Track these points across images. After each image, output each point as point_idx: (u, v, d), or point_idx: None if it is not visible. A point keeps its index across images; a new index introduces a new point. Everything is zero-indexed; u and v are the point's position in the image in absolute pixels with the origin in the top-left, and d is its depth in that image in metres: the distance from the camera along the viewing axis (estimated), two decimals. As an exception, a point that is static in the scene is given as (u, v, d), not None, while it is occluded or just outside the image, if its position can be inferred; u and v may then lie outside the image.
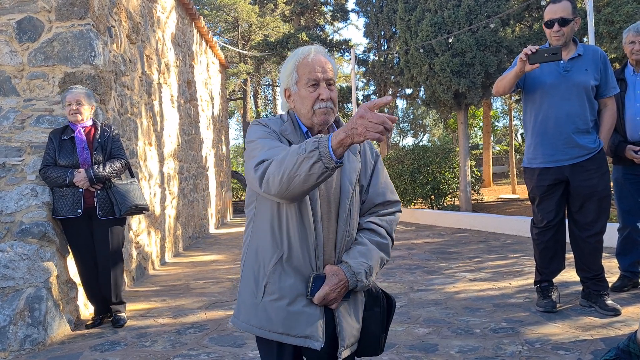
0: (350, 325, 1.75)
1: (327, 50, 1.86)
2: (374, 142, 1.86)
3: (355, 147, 1.82)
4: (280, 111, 1.94)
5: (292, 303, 1.69)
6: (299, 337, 1.68)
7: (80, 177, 4.00)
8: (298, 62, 1.74)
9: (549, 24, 3.60)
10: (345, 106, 20.52)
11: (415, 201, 12.51)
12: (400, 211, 1.91)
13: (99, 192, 4.07)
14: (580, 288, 3.92)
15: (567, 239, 3.82)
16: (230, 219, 15.85)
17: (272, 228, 1.71)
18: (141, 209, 4.26)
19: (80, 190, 4.04)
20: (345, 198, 1.74)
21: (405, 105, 35.58)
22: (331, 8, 23.93)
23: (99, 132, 4.19)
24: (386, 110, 21.62)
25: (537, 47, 3.34)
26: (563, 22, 3.55)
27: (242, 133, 31.98)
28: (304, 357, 1.78)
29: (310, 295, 1.68)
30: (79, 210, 4.04)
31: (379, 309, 1.82)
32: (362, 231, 1.81)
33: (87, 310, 4.52)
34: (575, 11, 3.58)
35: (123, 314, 4.27)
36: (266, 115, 29.46)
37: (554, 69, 3.61)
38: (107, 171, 4.06)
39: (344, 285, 1.70)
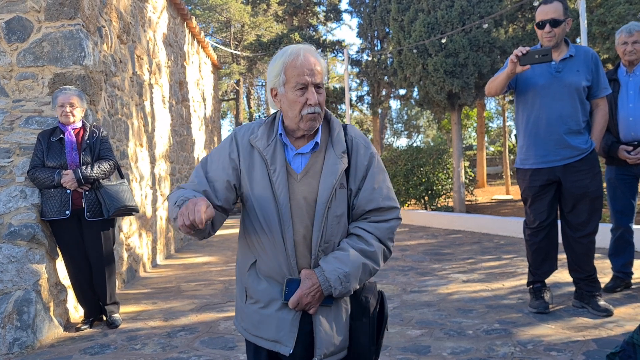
0: (329, 335, 1.69)
1: (319, 50, 1.80)
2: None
3: (342, 147, 1.72)
4: (272, 111, 1.90)
5: (266, 307, 1.71)
6: (269, 340, 1.69)
7: (67, 177, 3.96)
8: (287, 63, 1.67)
9: (541, 25, 3.60)
10: (339, 107, 20.48)
11: (408, 202, 12.50)
12: (399, 218, 1.78)
13: (87, 193, 4.04)
14: (573, 289, 3.92)
15: (560, 240, 3.82)
16: (224, 220, 15.78)
17: (245, 235, 1.77)
18: (130, 210, 4.23)
19: (68, 191, 4.01)
20: (322, 202, 1.66)
21: (399, 106, 35.71)
22: (324, 8, 23.91)
23: (87, 134, 4.15)
24: (379, 111, 21.62)
25: (527, 48, 3.35)
26: (554, 23, 3.54)
27: (235, 134, 31.82)
28: None
29: (284, 299, 1.66)
30: (67, 212, 4.01)
31: (367, 320, 1.73)
32: (349, 236, 1.73)
33: (77, 313, 4.47)
34: (566, 12, 3.58)
35: (117, 315, 4.25)
36: (259, 116, 29.39)
37: (545, 70, 3.61)
38: (95, 172, 4.02)
39: (318, 290, 1.64)
